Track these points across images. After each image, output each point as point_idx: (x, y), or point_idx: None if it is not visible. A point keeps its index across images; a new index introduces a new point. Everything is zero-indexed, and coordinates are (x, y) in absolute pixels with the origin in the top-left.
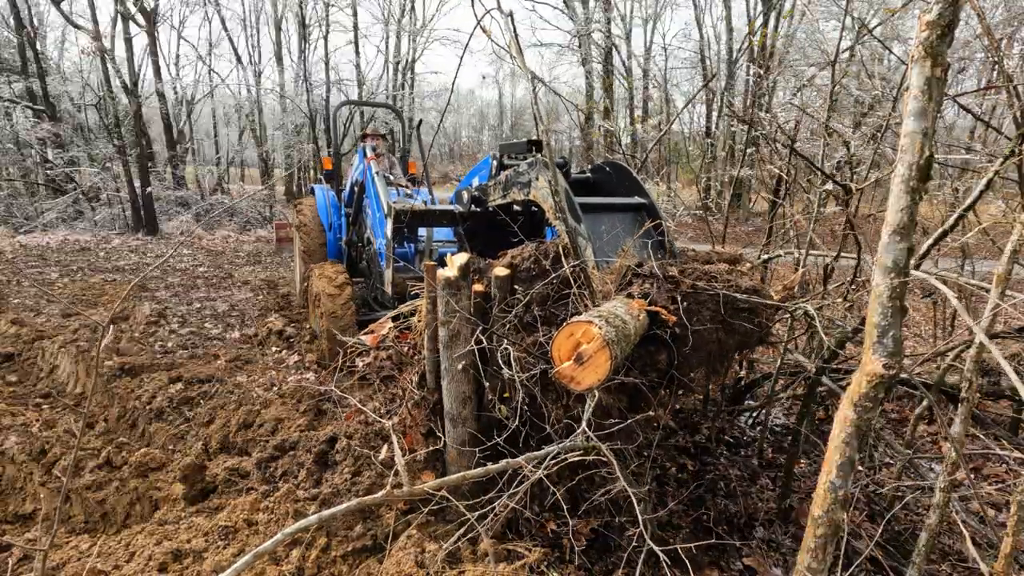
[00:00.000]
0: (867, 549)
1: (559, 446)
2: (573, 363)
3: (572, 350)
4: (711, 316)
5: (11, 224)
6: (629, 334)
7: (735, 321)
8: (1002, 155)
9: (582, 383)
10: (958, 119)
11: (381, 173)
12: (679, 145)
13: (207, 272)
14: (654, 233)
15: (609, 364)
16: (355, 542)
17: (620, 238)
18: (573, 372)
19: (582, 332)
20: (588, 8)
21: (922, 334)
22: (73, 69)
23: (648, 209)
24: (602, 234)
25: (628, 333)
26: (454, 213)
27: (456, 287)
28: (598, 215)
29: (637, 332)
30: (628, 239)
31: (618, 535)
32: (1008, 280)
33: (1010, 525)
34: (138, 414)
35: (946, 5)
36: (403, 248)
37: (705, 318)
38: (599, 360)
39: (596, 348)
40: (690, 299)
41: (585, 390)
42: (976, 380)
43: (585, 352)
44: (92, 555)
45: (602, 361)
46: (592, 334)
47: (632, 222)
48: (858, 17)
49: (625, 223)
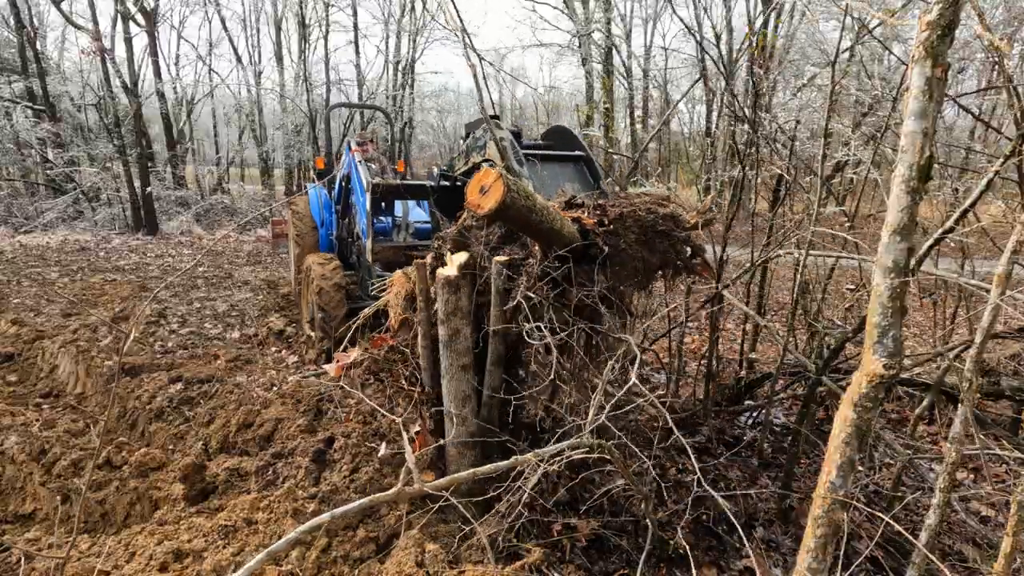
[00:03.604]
0: (867, 549)
1: (565, 443)
2: (479, 194)
3: (478, 188)
4: (635, 239)
5: (11, 224)
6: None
7: (655, 242)
8: (1002, 155)
9: (484, 207)
10: (958, 119)
11: (364, 162)
12: (679, 145)
13: (207, 272)
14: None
15: (503, 190)
16: (357, 544)
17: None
18: (479, 200)
19: (485, 175)
20: (588, 8)
21: (922, 334)
22: (73, 69)
23: (586, 160)
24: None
25: (536, 203)
26: (426, 187)
27: (456, 286)
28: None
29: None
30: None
31: (618, 535)
32: (1008, 280)
33: (1010, 525)
34: (138, 414)
35: (946, 5)
36: (382, 224)
37: (630, 240)
38: (496, 189)
39: (493, 181)
40: (616, 224)
41: (487, 212)
42: (976, 380)
43: (486, 185)
44: (92, 555)
45: (498, 189)
46: (492, 174)
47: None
48: (858, 17)
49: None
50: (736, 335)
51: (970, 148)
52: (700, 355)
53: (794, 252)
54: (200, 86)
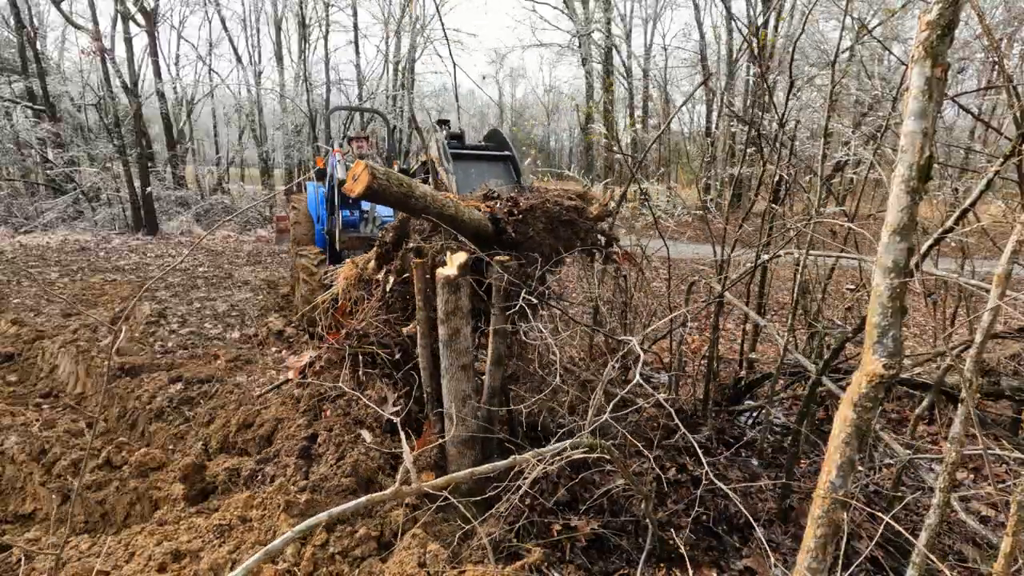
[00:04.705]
0: (867, 549)
1: (566, 442)
2: (351, 181)
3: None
4: (543, 227)
5: (11, 224)
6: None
7: (559, 230)
8: (1002, 155)
9: (355, 191)
10: (958, 119)
11: (344, 162)
12: (679, 145)
13: (207, 272)
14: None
15: (368, 178)
16: (358, 541)
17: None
18: (352, 185)
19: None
20: (588, 8)
21: (922, 334)
22: (73, 69)
23: (512, 160)
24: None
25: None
26: None
27: (456, 286)
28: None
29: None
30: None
31: (618, 535)
32: (1008, 280)
33: (1010, 525)
34: (138, 414)
35: (946, 5)
36: (352, 217)
37: (538, 228)
38: (363, 177)
39: (361, 171)
40: (527, 214)
41: (357, 195)
42: (976, 380)
43: (356, 174)
44: (92, 555)
45: (364, 177)
46: (361, 165)
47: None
48: (858, 17)
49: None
50: (736, 335)
51: (970, 148)
52: (700, 355)
53: (794, 252)
54: (200, 86)
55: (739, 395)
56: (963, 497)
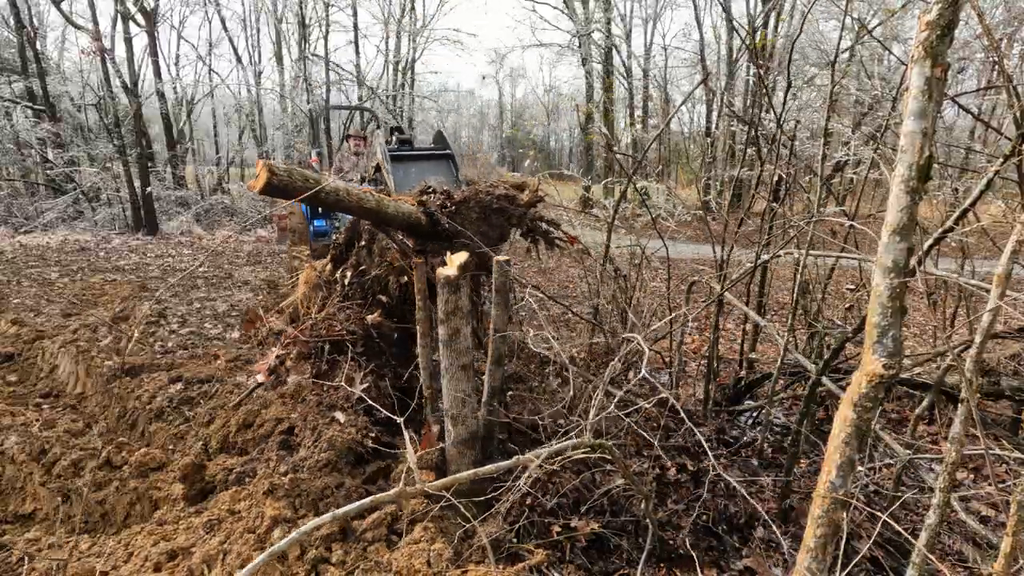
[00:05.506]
0: (866, 549)
1: (567, 442)
2: (253, 180)
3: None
4: (476, 217)
5: (11, 224)
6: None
7: (492, 218)
8: (1002, 155)
9: (255, 187)
10: (958, 119)
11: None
12: (679, 145)
13: (207, 272)
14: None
15: (265, 177)
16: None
17: (427, 175)
18: (253, 183)
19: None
20: (588, 8)
21: (922, 334)
22: (73, 69)
23: (451, 158)
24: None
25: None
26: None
27: (456, 285)
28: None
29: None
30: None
31: (618, 535)
32: (1008, 280)
33: (1010, 525)
34: (138, 414)
35: (946, 5)
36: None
37: (472, 218)
38: (262, 176)
39: (261, 169)
40: (460, 206)
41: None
42: (976, 380)
43: (257, 172)
44: (92, 555)
45: (263, 175)
46: (260, 164)
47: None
48: (858, 17)
49: (440, 167)
50: (736, 335)
51: (970, 148)
52: (700, 355)
53: (794, 252)
54: (200, 86)
55: (739, 395)
56: (963, 497)
